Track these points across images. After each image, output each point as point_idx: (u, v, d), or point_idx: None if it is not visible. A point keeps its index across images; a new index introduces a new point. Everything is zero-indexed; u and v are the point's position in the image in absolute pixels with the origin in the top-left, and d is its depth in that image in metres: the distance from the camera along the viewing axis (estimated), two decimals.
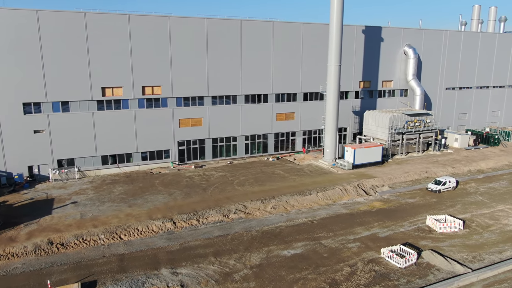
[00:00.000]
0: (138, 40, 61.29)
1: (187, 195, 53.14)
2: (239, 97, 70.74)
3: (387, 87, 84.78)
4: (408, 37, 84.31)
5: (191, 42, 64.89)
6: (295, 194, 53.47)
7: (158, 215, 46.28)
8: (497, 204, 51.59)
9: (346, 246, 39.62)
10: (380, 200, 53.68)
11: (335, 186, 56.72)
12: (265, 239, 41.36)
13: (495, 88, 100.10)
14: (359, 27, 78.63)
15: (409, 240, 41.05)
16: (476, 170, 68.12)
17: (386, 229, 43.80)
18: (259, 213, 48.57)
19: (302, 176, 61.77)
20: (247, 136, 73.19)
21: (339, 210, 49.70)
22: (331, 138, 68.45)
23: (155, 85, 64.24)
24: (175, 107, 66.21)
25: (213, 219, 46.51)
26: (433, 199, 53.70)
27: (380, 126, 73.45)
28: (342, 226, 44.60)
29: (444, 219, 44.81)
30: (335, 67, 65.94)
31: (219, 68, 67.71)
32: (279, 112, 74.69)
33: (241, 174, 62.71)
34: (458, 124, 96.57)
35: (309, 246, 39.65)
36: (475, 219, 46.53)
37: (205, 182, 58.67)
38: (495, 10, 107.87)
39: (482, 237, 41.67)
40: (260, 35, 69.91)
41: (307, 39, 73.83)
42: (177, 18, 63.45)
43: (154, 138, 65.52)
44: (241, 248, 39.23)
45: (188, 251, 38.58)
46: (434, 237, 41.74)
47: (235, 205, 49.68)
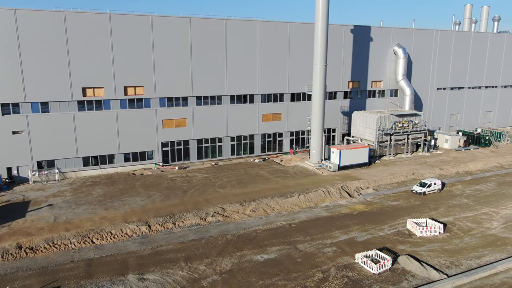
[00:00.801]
0: (120, 39, 60.31)
1: (166, 198, 52.18)
2: (224, 97, 69.75)
3: (376, 87, 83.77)
4: (398, 36, 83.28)
5: (174, 42, 63.90)
6: (277, 196, 52.50)
7: (133, 218, 45.33)
8: (481, 207, 50.57)
9: (322, 250, 38.64)
10: (363, 202, 52.69)
11: (318, 188, 55.73)
12: (240, 243, 40.40)
13: (488, 89, 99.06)
14: (348, 27, 77.62)
15: (387, 244, 40.06)
16: (464, 171, 67.11)
17: (365, 233, 42.81)
18: (237, 216, 47.60)
19: (286, 178, 60.79)
20: (233, 137, 72.20)
21: (320, 213, 48.72)
22: (317, 139, 67.45)
23: (137, 86, 63.27)
24: (159, 108, 65.25)
25: (190, 222, 45.55)
26: (417, 202, 52.70)
27: (368, 127, 72.44)
28: (320, 229, 43.62)
29: (425, 222, 43.81)
30: (320, 67, 64.95)
31: (203, 68, 66.72)
32: (265, 113, 73.70)
33: (225, 176, 61.74)
34: (450, 124, 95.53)
35: (283, 250, 38.67)
36: (457, 223, 45.53)
37: (187, 184, 57.71)
38: (487, 9, 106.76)
39: (462, 242, 40.67)
40: (246, 34, 68.93)
41: (294, 39, 72.85)
42: (160, 18, 62.47)
43: (137, 139, 64.56)
44: (214, 252, 38.26)
45: (159, 256, 37.62)
46: (413, 241, 40.75)
47: (213, 208, 48.71)
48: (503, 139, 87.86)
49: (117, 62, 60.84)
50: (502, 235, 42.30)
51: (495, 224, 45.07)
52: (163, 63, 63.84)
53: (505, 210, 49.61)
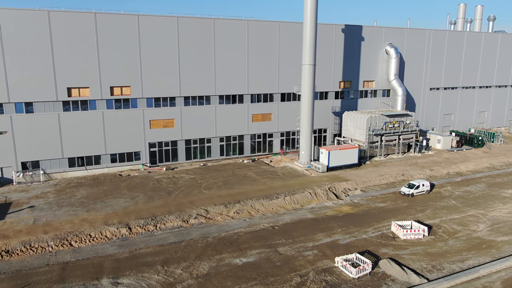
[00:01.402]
0: (106, 39, 59.58)
1: (150, 199, 51.49)
2: (213, 97, 69.04)
3: (368, 87, 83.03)
4: (390, 36, 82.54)
5: (161, 41, 63.18)
6: (262, 198, 51.78)
7: (114, 220, 44.62)
8: (469, 209, 49.85)
9: (302, 254, 37.93)
10: (349, 204, 51.96)
11: (305, 189, 55.01)
12: (220, 246, 39.70)
13: (482, 89, 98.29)
14: (339, 26, 76.88)
15: (370, 247, 39.35)
16: (455, 172, 66.38)
17: (349, 235, 42.09)
18: (221, 218, 46.89)
19: (273, 179, 60.08)
20: (222, 138, 71.50)
21: (305, 215, 48.01)
22: (306, 139, 66.74)
23: (124, 86, 62.56)
24: (146, 108, 64.54)
25: (172, 225, 44.85)
26: (405, 204, 51.98)
27: (358, 127, 71.72)
28: (303, 232, 42.91)
29: (410, 225, 43.12)
30: (309, 67, 64.22)
31: (191, 68, 66.01)
32: (255, 113, 72.97)
33: (212, 177, 61.04)
34: (443, 125, 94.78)
35: (263, 254, 37.97)
36: (443, 225, 44.80)
37: (172, 185, 57.01)
38: (481, 9, 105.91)
39: (446, 245, 39.94)
40: (234, 34, 68.19)
41: (284, 39, 72.13)
42: (147, 17, 61.76)
43: (123, 140, 63.85)
44: (193, 256, 37.56)
45: (136, 259, 36.92)
46: (397, 244, 40.04)
47: (197, 209, 48.01)
48: (496, 139, 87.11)
49: (103, 62, 60.13)
50: (488, 238, 41.57)
51: (481, 227, 44.35)
52: (150, 63, 63.13)
53: (492, 212, 48.89)
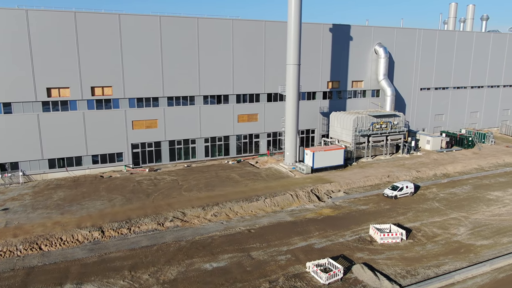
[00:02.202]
0: (86, 38, 58.66)
1: (128, 201, 50.58)
2: (197, 97, 68.11)
3: (357, 87, 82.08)
4: (379, 36, 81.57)
5: (144, 41, 62.27)
6: (242, 200, 50.86)
7: (88, 223, 43.73)
8: (452, 212, 48.90)
9: (275, 258, 37.00)
10: (331, 207, 51.02)
11: (286, 191, 54.09)
12: (192, 250, 38.78)
13: (473, 89, 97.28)
14: (326, 26, 75.93)
15: (345, 252, 38.42)
16: (442, 174, 65.42)
17: (325, 239, 41.16)
18: (197, 221, 45.98)
19: (256, 181, 59.15)
20: (207, 139, 70.58)
21: (284, 218, 47.08)
22: (291, 140, 65.80)
23: (105, 86, 61.64)
24: (128, 109, 63.61)
25: (146, 228, 43.94)
26: (387, 206, 51.03)
27: (345, 128, 70.78)
28: (279, 235, 41.99)
29: (389, 228, 42.19)
30: (294, 67, 63.29)
31: (175, 68, 65.09)
32: (241, 114, 72.02)
33: (194, 179, 60.12)
34: (434, 125, 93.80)
35: (235, 258, 37.04)
36: (423, 228, 43.86)
37: (153, 187, 56.10)
38: (473, 8, 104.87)
39: (424, 249, 39.00)
40: (219, 33, 67.26)
41: (270, 38, 71.19)
42: (128, 16, 60.83)
43: (105, 141, 62.93)
44: (162, 260, 36.64)
45: (104, 264, 36.02)
46: (373, 248, 39.10)
47: (173, 212, 47.10)
48: (487, 140, 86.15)
49: (83, 62, 59.22)
50: (467, 241, 40.63)
51: (462, 230, 43.40)
52: (133, 62, 62.22)
53: (475, 215, 47.95)
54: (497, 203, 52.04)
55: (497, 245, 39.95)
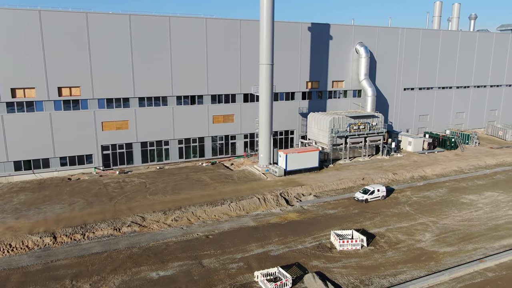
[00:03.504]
0: (52, 37, 57.12)
1: (89, 205, 49.09)
2: (170, 98, 66.58)
3: (338, 87, 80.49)
4: (361, 35, 79.97)
5: (112, 40, 60.74)
6: (206, 204, 49.36)
7: (41, 228, 42.25)
8: (421, 216, 47.36)
9: (226, 266, 35.51)
10: (298, 211, 49.49)
11: (254, 195, 52.57)
12: (143, 257, 37.30)
13: (459, 89, 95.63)
14: (305, 24, 74.35)
15: (301, 259, 36.91)
16: (419, 176, 63.86)
17: (283, 246, 39.65)
18: (156, 226, 44.50)
19: (226, 184, 57.63)
20: (181, 140, 69.05)
21: (246, 223, 45.57)
22: (265, 142, 64.28)
23: (73, 86, 60.13)
24: (97, 109, 62.10)
25: (101, 233, 42.46)
26: (356, 210, 49.50)
27: (322, 129, 69.23)
28: (237, 241, 40.49)
29: (351, 234, 40.67)
30: (267, 67, 61.78)
31: (146, 68, 63.57)
32: (216, 114, 70.48)
33: (163, 181, 58.61)
34: (419, 126, 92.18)
35: (185, 266, 35.56)
36: (387, 234, 42.32)
37: (118, 190, 54.60)
38: (458, 7, 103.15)
39: (383, 256, 37.47)
40: (192, 32, 65.71)
41: (246, 37, 69.65)
42: (96, 15, 59.29)
43: (74, 142, 61.42)
44: (109, 269, 35.16)
45: (47, 272, 34.55)
46: (331, 256, 37.58)
47: (132, 217, 45.62)
48: (471, 141, 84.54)
49: (49, 61, 57.72)
50: (430, 248, 39.09)
51: (427, 236, 41.86)
52: (101, 62, 60.69)
53: (445, 219, 46.41)
54: (469, 207, 50.49)
55: (461, 252, 38.42)
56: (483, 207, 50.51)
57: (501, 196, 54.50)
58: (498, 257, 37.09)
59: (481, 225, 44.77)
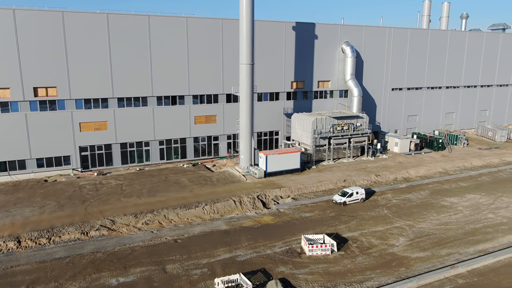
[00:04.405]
0: (27, 37, 56.08)
1: (60, 208, 48.08)
2: (150, 98, 65.55)
3: (324, 87, 79.40)
4: (347, 34, 78.86)
5: (90, 39, 59.68)
6: (180, 207, 48.33)
7: (6, 232, 41.25)
8: (398, 220, 46.28)
9: (189, 273, 34.48)
10: (273, 214, 48.44)
11: (231, 197, 51.54)
12: (106, 262, 36.28)
13: (449, 89, 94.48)
14: (289, 24, 73.27)
15: (268, 265, 35.86)
16: (402, 178, 62.78)
17: (252, 250, 38.61)
18: (126, 230, 43.47)
19: (204, 186, 56.59)
20: (162, 141, 68.01)
21: (219, 226, 44.54)
22: (246, 143, 63.24)
23: (49, 86, 59.12)
24: (75, 110, 61.09)
25: (68, 237, 41.45)
26: (332, 213, 48.44)
27: (305, 130, 68.16)
28: (205, 246, 39.46)
29: (322, 239, 39.61)
30: (247, 66, 60.72)
31: (125, 67, 62.53)
32: (198, 115, 69.44)
33: (140, 183, 57.58)
34: (407, 126, 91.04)
35: (147, 272, 34.53)
36: (360, 239, 41.26)
37: (93, 193, 53.58)
38: (448, 6, 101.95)
39: (352, 262, 36.41)
40: (173, 31, 64.66)
41: (228, 37, 68.54)
42: (72, 14, 58.25)
43: (51, 144, 60.40)
44: (68, 275, 34.13)
45: (4, 279, 33.54)
46: (299, 261, 36.53)
47: (102, 220, 44.60)
48: (459, 142, 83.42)
49: (24, 61, 56.69)
50: (403, 254, 38.03)
51: (401, 240, 40.79)
52: (78, 62, 59.66)
53: (422, 223, 45.34)
54: (449, 210, 49.41)
55: (433, 257, 37.36)
56: (463, 210, 49.42)
57: (483, 199, 53.40)
58: (470, 262, 36.04)
59: (458, 229, 43.69)
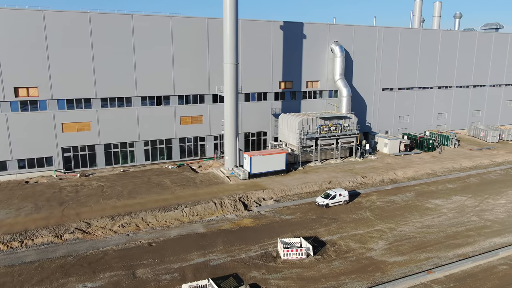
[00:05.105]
0: (6, 36, 55.29)
1: (36, 210, 47.26)
2: (134, 99, 64.74)
3: (313, 87, 78.55)
4: (336, 34, 78.00)
5: (72, 39, 58.86)
6: (159, 209, 47.52)
7: None
8: (380, 223, 45.43)
9: (159, 278, 33.66)
10: (254, 216, 47.60)
11: (211, 199, 50.71)
12: (76, 267, 35.46)
13: (441, 89, 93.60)
14: (277, 23, 72.42)
15: (240, 270, 35.03)
16: (389, 179, 61.94)
17: (227, 254, 37.78)
18: (101, 233, 42.65)
19: (186, 187, 55.77)
20: (147, 142, 67.19)
21: (196, 229, 43.72)
22: (230, 144, 62.43)
23: (30, 86, 58.33)
24: (57, 111, 60.30)
25: (41, 241, 40.62)
26: (314, 216, 47.59)
27: (291, 130, 67.32)
28: (179, 250, 38.64)
29: (299, 242, 38.78)
30: (231, 66, 59.90)
31: (108, 67, 61.71)
32: (183, 115, 68.61)
33: (122, 185, 56.77)
34: (398, 127, 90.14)
35: (116, 277, 33.71)
36: (339, 242, 40.42)
37: (73, 194, 52.76)
38: (439, 5, 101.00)
39: (328, 267, 35.56)
40: (157, 31, 63.84)
41: (214, 36, 67.66)
42: (53, 12, 57.44)
43: (32, 145, 59.60)
44: (35, 280, 33.33)
45: None
46: (273, 266, 35.69)
47: (78, 223, 43.79)
48: (450, 143, 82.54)
49: (4, 61, 55.90)
50: (380, 258, 37.18)
51: (380, 244, 39.94)
52: (60, 62, 58.85)
53: (404, 226, 44.48)
54: (433, 212, 48.55)
55: (411, 262, 36.52)
56: (447, 212, 48.56)
57: (469, 201, 52.54)
58: (448, 267, 35.20)
59: (439, 232, 42.83)
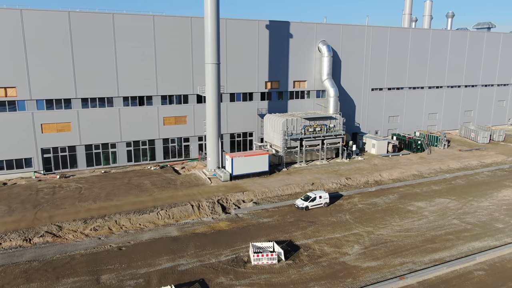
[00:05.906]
0: None
1: (8, 213, 46.32)
2: (116, 99, 63.77)
3: (300, 87, 77.55)
4: (324, 33, 76.99)
5: (51, 38, 57.89)
6: (134, 212, 46.56)
7: None
8: (358, 226, 44.43)
9: (123, 284, 32.70)
10: (230, 219, 46.63)
11: (189, 202, 49.74)
12: (39, 272, 34.52)
13: (432, 89, 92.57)
14: (262, 22, 71.43)
15: (208, 275, 34.07)
16: (374, 181, 60.93)
17: (196, 259, 36.81)
18: (72, 236, 41.72)
19: (165, 189, 54.80)
20: (129, 143, 66.21)
21: (170, 233, 42.76)
22: (213, 145, 61.47)
23: (8, 86, 57.36)
24: (36, 111, 59.35)
25: (9, 244, 39.70)
26: (292, 219, 46.59)
27: (276, 131, 66.33)
28: (149, 254, 37.69)
29: (272, 246, 37.81)
30: (212, 66, 58.94)
31: (89, 67, 60.73)
32: (167, 116, 67.63)
33: (101, 186, 55.81)
34: (388, 128, 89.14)
35: (79, 283, 32.77)
36: (313, 246, 39.44)
37: (49, 196, 51.83)
38: (430, 4, 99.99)
39: (298, 272, 34.58)
40: (139, 30, 62.86)
41: (197, 35, 66.65)
42: (31, 11, 56.50)
43: (10, 146, 58.62)
44: None
45: None
46: (242, 271, 34.72)
47: (49, 226, 42.84)
48: (440, 143, 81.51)
49: None
50: (353, 263, 36.19)
51: (355, 248, 38.95)
52: (39, 61, 57.91)
53: (382, 229, 43.49)
54: (414, 215, 47.55)
55: (385, 267, 35.53)
56: (428, 215, 47.55)
57: (452, 203, 51.53)
58: (422, 273, 34.21)
59: (418, 236, 41.84)
